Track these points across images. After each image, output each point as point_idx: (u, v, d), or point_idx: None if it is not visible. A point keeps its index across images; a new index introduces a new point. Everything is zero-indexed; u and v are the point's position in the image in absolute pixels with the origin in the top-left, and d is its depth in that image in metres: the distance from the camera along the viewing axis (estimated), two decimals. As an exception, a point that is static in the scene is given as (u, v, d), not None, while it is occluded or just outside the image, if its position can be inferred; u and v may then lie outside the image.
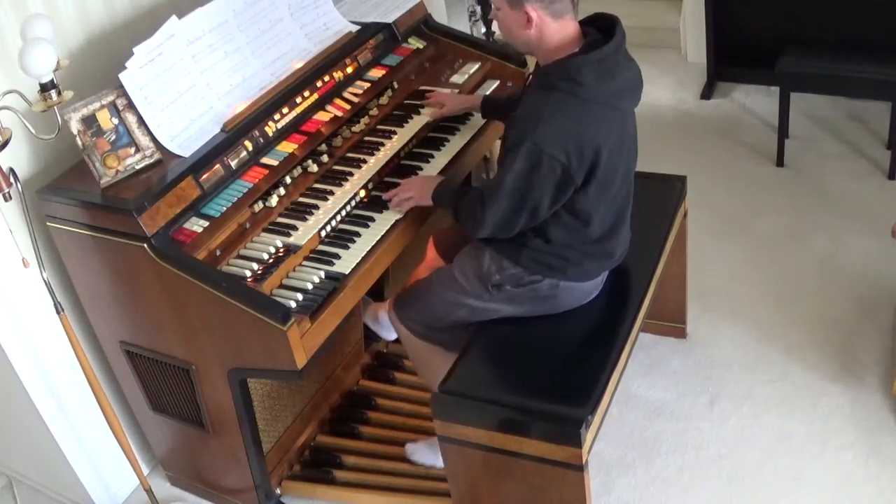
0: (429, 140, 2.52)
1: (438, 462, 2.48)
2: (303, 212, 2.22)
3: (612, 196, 2.09)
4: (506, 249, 2.15)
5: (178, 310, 2.04)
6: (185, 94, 2.20)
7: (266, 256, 2.07)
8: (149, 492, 2.51)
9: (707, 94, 4.19)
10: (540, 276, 2.15)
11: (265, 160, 2.25)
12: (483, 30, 3.75)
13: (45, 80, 1.89)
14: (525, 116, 1.97)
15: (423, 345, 2.34)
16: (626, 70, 2.02)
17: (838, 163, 3.61)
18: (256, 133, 2.25)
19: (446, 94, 2.59)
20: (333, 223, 2.21)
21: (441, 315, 2.27)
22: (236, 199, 2.13)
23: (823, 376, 2.68)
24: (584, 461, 1.96)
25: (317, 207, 2.23)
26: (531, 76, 2.10)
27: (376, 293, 2.74)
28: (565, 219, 2.07)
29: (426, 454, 2.51)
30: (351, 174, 2.34)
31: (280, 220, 2.20)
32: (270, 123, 2.28)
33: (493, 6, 2.04)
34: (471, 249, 2.25)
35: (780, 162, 3.64)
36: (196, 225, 2.05)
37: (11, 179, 1.97)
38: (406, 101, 2.62)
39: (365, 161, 2.39)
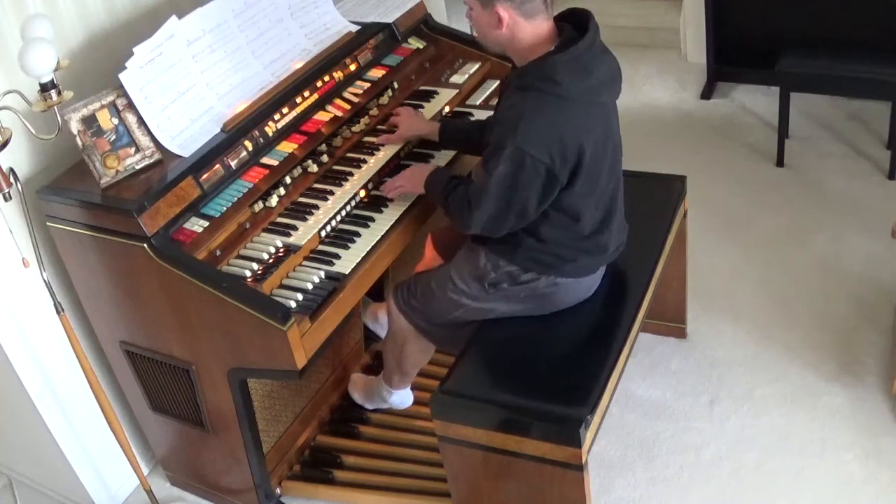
0: (429, 140, 2.51)
1: (366, 404, 2.67)
2: (303, 212, 2.22)
3: (600, 191, 2.09)
4: (501, 248, 2.15)
5: (178, 310, 2.04)
6: (185, 94, 2.20)
7: (266, 256, 2.07)
8: (149, 492, 2.51)
9: (707, 94, 4.19)
10: (536, 274, 2.15)
11: (265, 160, 2.25)
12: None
13: (45, 80, 1.89)
14: (505, 119, 1.97)
15: (412, 341, 2.36)
16: (602, 64, 2.01)
17: (838, 163, 3.61)
18: (256, 133, 2.25)
19: (404, 117, 2.47)
20: (333, 223, 2.21)
21: (440, 314, 2.27)
22: (236, 199, 2.14)
23: (823, 376, 2.68)
24: (583, 461, 1.96)
25: (317, 207, 2.23)
26: (507, 78, 2.10)
27: (376, 293, 2.74)
28: (554, 217, 2.07)
29: (358, 392, 2.67)
30: (351, 174, 2.34)
31: (280, 220, 2.20)
32: (270, 123, 2.28)
33: (466, 6, 2.03)
34: (466, 251, 2.25)
35: (780, 162, 3.64)
36: (196, 225, 2.05)
37: (11, 179, 1.97)
38: (406, 102, 2.62)
39: (365, 161, 2.39)
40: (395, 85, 2.65)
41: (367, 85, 2.56)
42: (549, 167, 1.93)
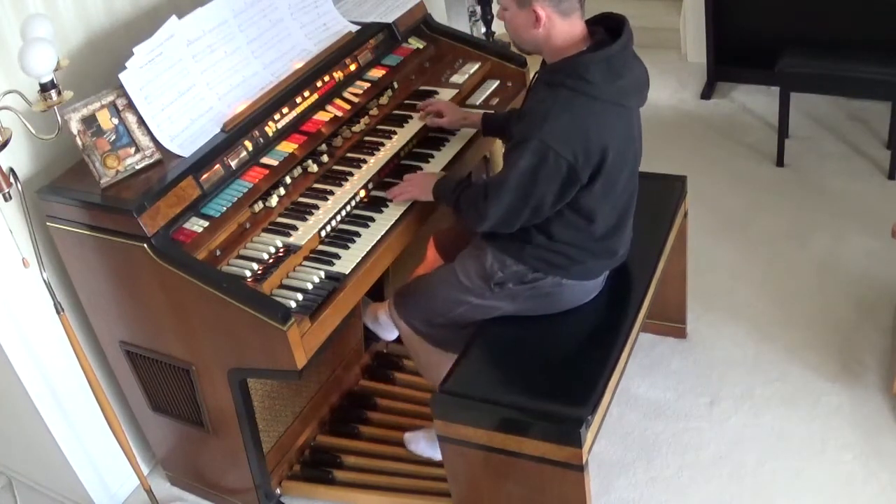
0: (429, 140, 2.52)
1: (436, 455, 2.48)
2: (303, 212, 2.22)
3: (617, 195, 2.09)
4: (508, 247, 2.15)
5: (178, 310, 2.04)
6: (185, 94, 2.20)
7: (266, 256, 2.07)
8: (149, 492, 2.51)
9: (707, 94, 4.19)
10: (542, 274, 2.16)
11: (265, 160, 2.25)
12: (483, 30, 3.75)
13: (45, 80, 1.89)
14: (532, 113, 1.97)
15: (424, 343, 2.34)
16: (633, 69, 2.03)
17: (838, 163, 3.61)
18: (256, 133, 2.25)
19: (446, 105, 2.54)
20: (333, 223, 2.21)
21: (442, 312, 2.27)
22: (236, 199, 2.13)
23: (823, 376, 2.68)
24: (584, 461, 1.96)
25: (317, 207, 2.23)
26: (537, 73, 2.11)
27: (376, 293, 2.74)
28: (569, 216, 2.07)
29: (424, 446, 2.51)
30: (351, 174, 2.34)
31: (280, 220, 2.20)
32: (270, 123, 2.28)
33: (500, 6, 2.03)
34: (472, 248, 2.25)
35: (780, 162, 3.64)
36: (196, 225, 2.05)
37: (11, 179, 1.97)
38: (406, 101, 2.62)
39: (365, 161, 2.39)
40: (395, 85, 2.64)
41: (367, 85, 2.56)
42: (572, 165, 1.93)
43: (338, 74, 2.49)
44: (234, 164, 2.17)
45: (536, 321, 2.23)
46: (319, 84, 2.44)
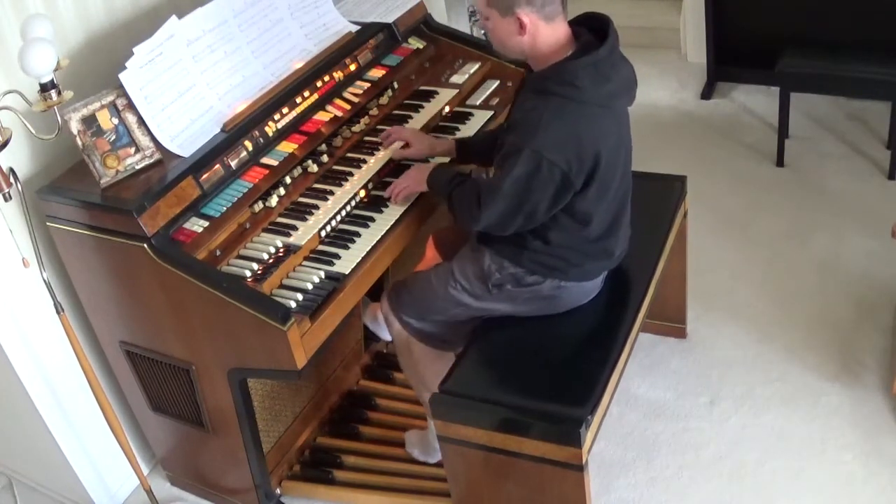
0: (429, 140, 2.52)
1: (430, 460, 2.49)
2: (303, 212, 2.22)
3: (611, 196, 2.09)
4: (506, 250, 2.15)
5: (178, 310, 2.04)
6: (185, 94, 2.20)
7: (266, 256, 2.07)
8: (149, 492, 2.51)
9: (707, 94, 4.19)
10: (541, 277, 2.15)
11: (265, 160, 2.25)
12: (483, 30, 3.74)
13: (45, 80, 1.89)
14: (524, 122, 1.96)
15: (416, 344, 2.33)
16: (620, 70, 2.02)
17: (838, 163, 3.61)
18: (256, 133, 2.25)
19: (412, 134, 2.41)
20: (333, 223, 2.21)
21: (438, 311, 2.27)
22: (236, 199, 2.13)
23: (823, 376, 2.68)
24: (583, 461, 1.96)
25: (317, 207, 2.23)
26: (522, 80, 2.10)
27: (376, 293, 2.74)
28: (564, 221, 2.07)
29: (417, 453, 2.52)
30: (351, 174, 2.34)
31: (280, 220, 2.20)
32: (270, 123, 2.28)
33: (481, 17, 2.02)
34: (470, 250, 2.25)
35: (780, 162, 3.64)
36: (196, 225, 2.05)
37: (11, 179, 1.97)
38: (406, 102, 2.62)
39: (365, 161, 2.39)
40: (395, 85, 2.65)
41: (367, 85, 2.56)
42: (566, 172, 1.93)
43: (338, 74, 2.50)
44: (234, 164, 2.18)
45: (536, 321, 2.23)
46: (319, 84, 2.44)
